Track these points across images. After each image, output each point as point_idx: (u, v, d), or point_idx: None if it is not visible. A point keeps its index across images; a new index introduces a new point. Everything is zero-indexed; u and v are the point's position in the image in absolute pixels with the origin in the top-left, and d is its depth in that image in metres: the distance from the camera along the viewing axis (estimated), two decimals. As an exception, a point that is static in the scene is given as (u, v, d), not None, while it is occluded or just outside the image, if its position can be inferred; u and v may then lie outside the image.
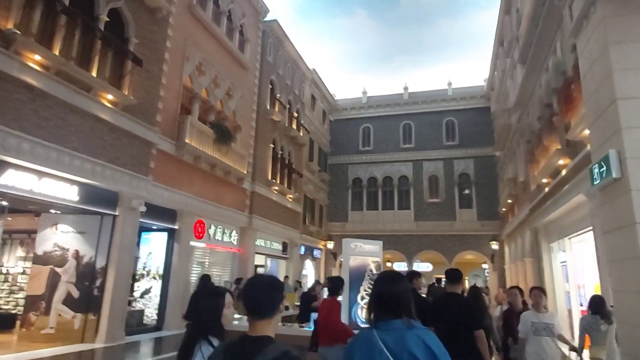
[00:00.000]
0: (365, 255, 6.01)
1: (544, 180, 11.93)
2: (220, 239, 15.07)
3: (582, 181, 8.93)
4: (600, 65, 5.46)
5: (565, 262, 12.34)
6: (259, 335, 1.72)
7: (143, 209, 10.33)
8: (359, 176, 28.83)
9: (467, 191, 26.82)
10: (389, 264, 29.36)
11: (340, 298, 5.10)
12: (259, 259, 18.21)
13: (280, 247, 20.12)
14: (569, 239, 12.01)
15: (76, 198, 9.16)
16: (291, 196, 20.95)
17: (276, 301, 1.79)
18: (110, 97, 9.79)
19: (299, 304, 10.02)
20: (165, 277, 12.22)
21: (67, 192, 8.95)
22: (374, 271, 6.01)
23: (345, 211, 28.37)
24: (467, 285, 22.31)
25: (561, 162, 10.01)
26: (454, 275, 4.33)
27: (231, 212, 15.45)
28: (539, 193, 13.32)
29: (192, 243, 13.36)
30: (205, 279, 6.70)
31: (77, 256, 9.73)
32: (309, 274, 24.95)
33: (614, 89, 5.08)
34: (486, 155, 26.45)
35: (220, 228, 15.09)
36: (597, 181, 5.50)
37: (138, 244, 12.61)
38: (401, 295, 2.04)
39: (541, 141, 11.21)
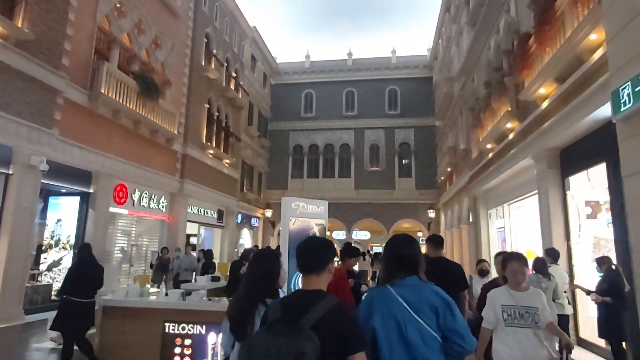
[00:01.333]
0: (309, 217, 5.17)
1: (488, 146, 11.77)
2: (146, 205, 13.59)
3: (530, 144, 8.70)
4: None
5: (502, 227, 12.44)
6: (313, 289, 1.82)
7: (44, 167, 8.69)
8: (300, 143, 27.92)
9: (406, 161, 26.94)
10: (327, 233, 29.08)
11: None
12: (191, 228, 16.91)
13: (215, 215, 18.89)
14: (508, 205, 12.05)
15: (-47, 151, 7.40)
16: (228, 161, 19.62)
17: (325, 259, 1.90)
18: (-3, 28, 7.93)
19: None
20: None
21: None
22: (318, 235, 5.20)
23: (285, 179, 27.49)
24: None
25: (509, 125, 9.75)
26: (437, 241, 4.64)
27: (159, 176, 13.95)
28: (481, 160, 13.25)
29: (112, 209, 11.83)
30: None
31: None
32: (246, 244, 24.00)
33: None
34: (427, 125, 26.60)
35: (146, 193, 13.59)
36: (627, 106, 4.27)
37: (45, 210, 10.90)
38: (417, 255, 2.23)
39: (489, 105, 10.93)
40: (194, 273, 10.65)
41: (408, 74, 27.73)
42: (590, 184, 6.98)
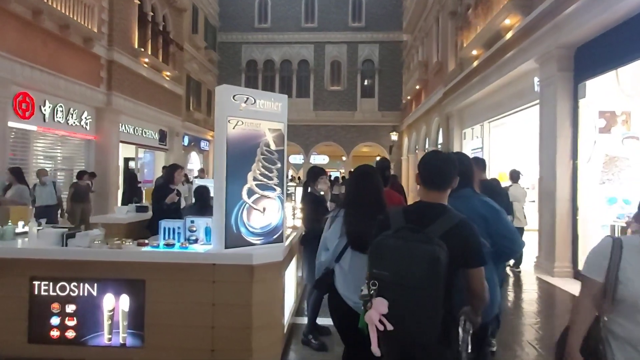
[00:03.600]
0: (259, 118, 3.37)
1: (474, 53, 10.08)
2: (62, 121, 11.10)
3: (537, 43, 7.08)
4: None
5: (479, 148, 11.23)
6: (436, 202, 1.81)
7: None
8: (254, 58, 25.06)
9: (367, 81, 24.99)
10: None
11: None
12: (127, 150, 14.62)
13: (156, 136, 16.53)
14: (489, 123, 10.73)
15: None
16: (169, 74, 16.85)
17: (451, 176, 1.84)
18: None
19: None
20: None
21: None
22: (274, 147, 3.46)
23: (238, 98, 24.90)
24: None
25: (508, 21, 8.02)
26: (483, 164, 4.39)
27: (78, 85, 11.31)
28: (460, 72, 11.63)
29: (11, 124, 9.37)
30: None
31: None
32: (196, 169, 21.91)
33: None
34: (393, 41, 24.39)
35: (62, 107, 11.03)
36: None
37: None
38: (469, 169, 2.37)
39: (481, 1, 9.05)
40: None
41: (374, -19, 24.83)
42: (620, 88, 5.58)
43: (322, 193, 4.04)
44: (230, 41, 24.81)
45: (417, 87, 18.12)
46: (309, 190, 4.03)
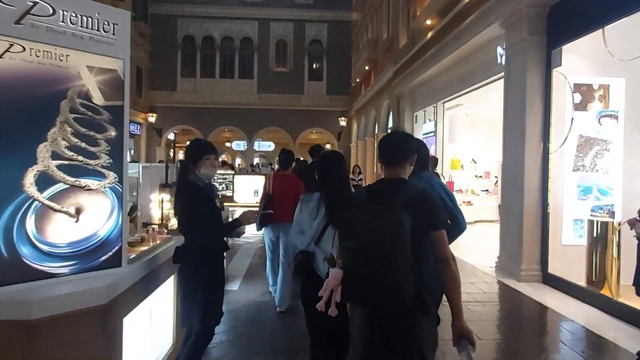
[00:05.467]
0: (67, 45, 1.84)
1: (428, 22, 8.92)
2: None
3: (501, 3, 5.96)
4: None
5: (432, 132, 10.18)
6: (397, 177, 1.85)
7: None
8: (192, 34, 22.82)
9: (315, 64, 23.58)
10: (228, 144, 25.60)
11: None
12: None
13: (68, 115, 14.18)
14: (443, 103, 9.67)
15: None
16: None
17: (409, 152, 1.88)
18: None
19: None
20: None
21: None
22: (100, 101, 1.94)
23: (174, 77, 22.68)
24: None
25: (468, -21, 6.85)
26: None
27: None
28: (412, 47, 10.48)
29: None
30: None
31: None
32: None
33: None
34: (342, 20, 23.05)
35: None
36: None
37: None
38: (426, 154, 2.69)
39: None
40: None
41: (323, -46, 23.26)
42: (607, 50, 4.51)
43: (207, 182, 2.57)
44: (165, 13, 22.38)
45: (366, 67, 16.93)
46: (190, 178, 2.52)
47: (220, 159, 29.01)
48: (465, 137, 11.23)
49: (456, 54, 7.84)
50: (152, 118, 21.17)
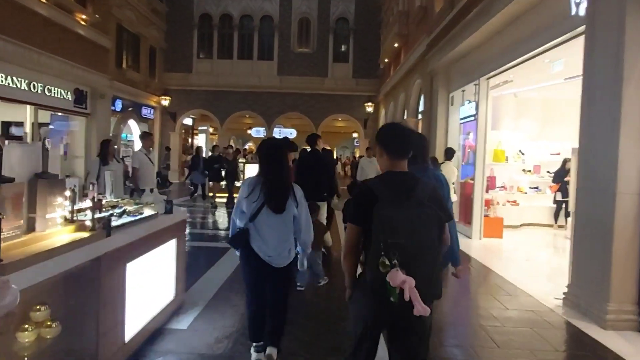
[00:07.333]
0: None
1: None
2: None
3: None
4: None
5: (471, 116, 8.36)
6: (404, 172, 1.96)
7: None
8: (209, 12, 21.44)
9: (343, 45, 21.78)
10: (249, 131, 24.27)
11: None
12: (16, 113, 11.25)
13: (70, 96, 13.10)
14: (487, 79, 7.83)
15: None
16: (85, 18, 13.34)
17: (411, 143, 2.01)
18: None
19: None
20: None
21: None
22: None
23: (190, 58, 21.43)
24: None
25: None
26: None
27: None
28: (450, 11, 8.65)
29: None
30: None
31: None
32: (137, 141, 18.52)
33: None
34: (371, -4, 21.09)
35: None
36: None
37: None
38: (427, 146, 3.08)
39: None
40: None
41: None
42: None
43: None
44: (181, -10, 21.08)
45: (396, 44, 15.03)
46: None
47: (247, 146, 27.46)
48: (512, 123, 9.36)
49: (508, 11, 6.00)
50: (165, 102, 20.01)
